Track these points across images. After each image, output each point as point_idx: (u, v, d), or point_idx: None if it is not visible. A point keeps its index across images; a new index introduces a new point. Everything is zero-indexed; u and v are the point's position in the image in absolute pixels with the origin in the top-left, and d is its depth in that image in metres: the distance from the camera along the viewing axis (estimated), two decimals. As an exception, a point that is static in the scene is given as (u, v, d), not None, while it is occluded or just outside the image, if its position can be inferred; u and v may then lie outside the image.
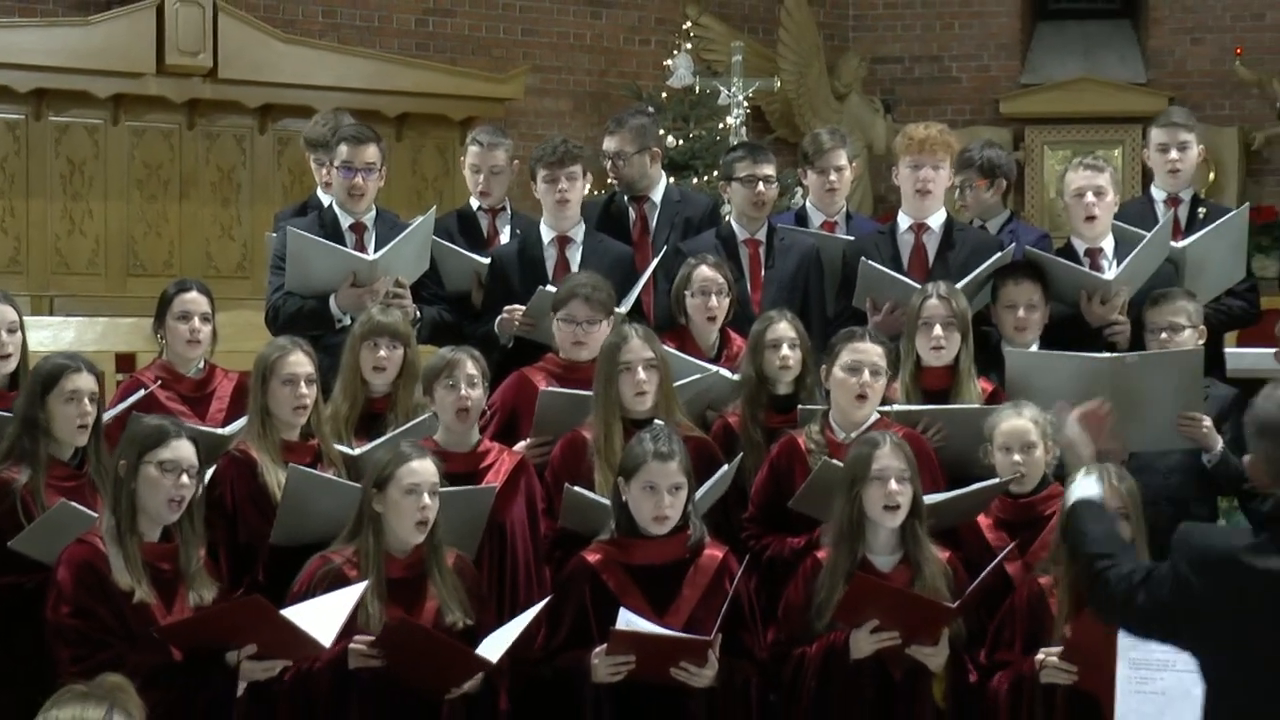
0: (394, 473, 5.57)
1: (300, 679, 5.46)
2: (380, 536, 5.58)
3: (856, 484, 5.75)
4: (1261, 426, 3.81)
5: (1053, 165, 13.91)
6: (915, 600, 5.63)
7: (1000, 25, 14.78)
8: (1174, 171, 7.67)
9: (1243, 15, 14.33)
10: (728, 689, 5.67)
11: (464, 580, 5.70)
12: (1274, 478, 3.81)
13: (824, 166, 7.75)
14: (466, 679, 5.47)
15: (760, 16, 14.44)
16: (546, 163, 7.44)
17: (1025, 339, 6.93)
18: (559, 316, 6.76)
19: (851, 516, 5.75)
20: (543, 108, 13.54)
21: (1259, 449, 3.83)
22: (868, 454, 5.77)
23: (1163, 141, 7.68)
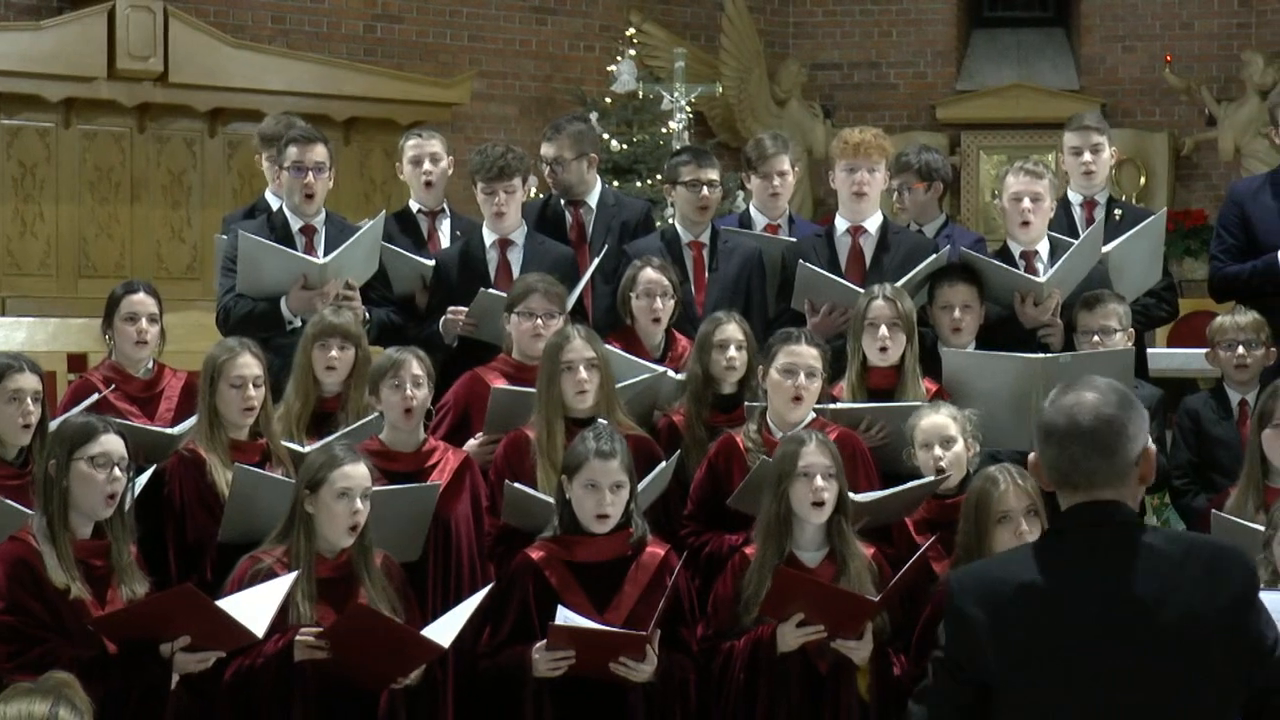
0: (327, 476, 5.57)
1: (242, 675, 5.47)
2: (311, 537, 5.58)
3: (783, 480, 5.78)
4: (1043, 430, 3.68)
5: (988, 170, 14.03)
6: (839, 594, 5.67)
7: (936, 33, 14.88)
8: (1088, 174, 7.75)
9: (1172, 24, 14.47)
10: (666, 684, 5.70)
11: (392, 580, 5.71)
12: (1053, 481, 3.70)
13: (767, 171, 7.80)
14: (415, 668, 5.49)
15: (702, 24, 14.51)
16: (485, 175, 7.48)
17: (960, 340, 7.00)
18: (517, 312, 6.81)
19: (778, 513, 5.79)
20: (488, 113, 13.58)
21: (1041, 452, 3.70)
22: (794, 451, 5.81)
23: (1075, 145, 7.78)
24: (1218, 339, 7.19)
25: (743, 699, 5.75)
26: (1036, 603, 3.64)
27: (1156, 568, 3.61)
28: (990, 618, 3.66)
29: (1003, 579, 3.70)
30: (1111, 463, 3.66)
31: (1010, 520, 5.67)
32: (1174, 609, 3.57)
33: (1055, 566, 3.67)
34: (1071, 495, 3.70)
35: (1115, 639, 3.58)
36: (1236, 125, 13.82)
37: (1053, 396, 3.74)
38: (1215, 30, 14.43)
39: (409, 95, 12.86)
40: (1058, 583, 3.64)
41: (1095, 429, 3.66)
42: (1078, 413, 3.67)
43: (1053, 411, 3.71)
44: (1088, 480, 3.67)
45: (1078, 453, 3.66)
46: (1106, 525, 3.66)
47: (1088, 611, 3.60)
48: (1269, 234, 7.66)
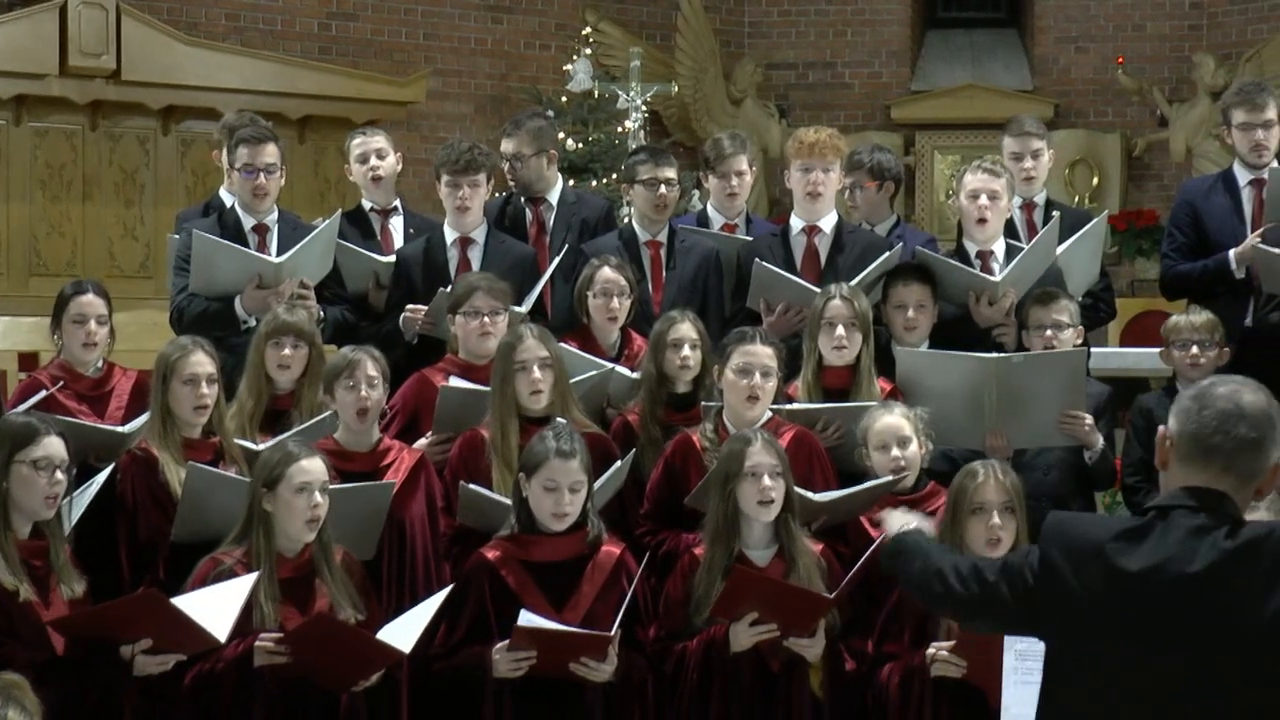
0: (284, 472, 5.56)
1: (203, 679, 5.46)
2: (270, 536, 5.57)
3: (730, 480, 5.80)
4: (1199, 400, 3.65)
5: (942, 170, 14.08)
6: (792, 592, 5.69)
7: (891, 33, 14.91)
8: (1028, 178, 7.81)
9: (1124, 25, 14.54)
10: (625, 684, 5.71)
11: (352, 577, 5.71)
12: (1187, 451, 3.67)
13: (725, 171, 7.82)
14: (375, 672, 5.49)
15: (658, 23, 14.52)
16: (451, 169, 7.49)
17: (914, 339, 7.04)
18: (461, 311, 6.82)
19: (726, 513, 5.81)
20: (444, 111, 13.56)
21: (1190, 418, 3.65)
22: (740, 450, 5.82)
23: (1015, 150, 7.84)
24: (1172, 338, 7.22)
25: (696, 700, 5.77)
26: (1118, 572, 3.63)
27: (1247, 564, 3.60)
28: (1072, 571, 3.68)
29: (1094, 537, 3.70)
30: (1256, 454, 3.66)
31: (984, 513, 5.72)
32: (1253, 608, 3.56)
33: (1151, 540, 3.65)
34: (1191, 475, 3.68)
35: (1176, 629, 3.58)
36: (1188, 126, 13.89)
37: (1207, 382, 3.73)
38: (1167, 32, 14.50)
39: (364, 93, 12.83)
40: (1148, 557, 3.63)
41: (1259, 416, 3.65)
42: (1241, 397, 3.66)
43: (1213, 389, 3.69)
44: (1226, 460, 3.65)
45: (1239, 432, 3.63)
46: (1213, 513, 3.64)
47: (1167, 592, 3.59)
48: (1220, 233, 7.71)
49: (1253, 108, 7.74)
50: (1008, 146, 7.90)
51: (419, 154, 12.20)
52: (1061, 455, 6.92)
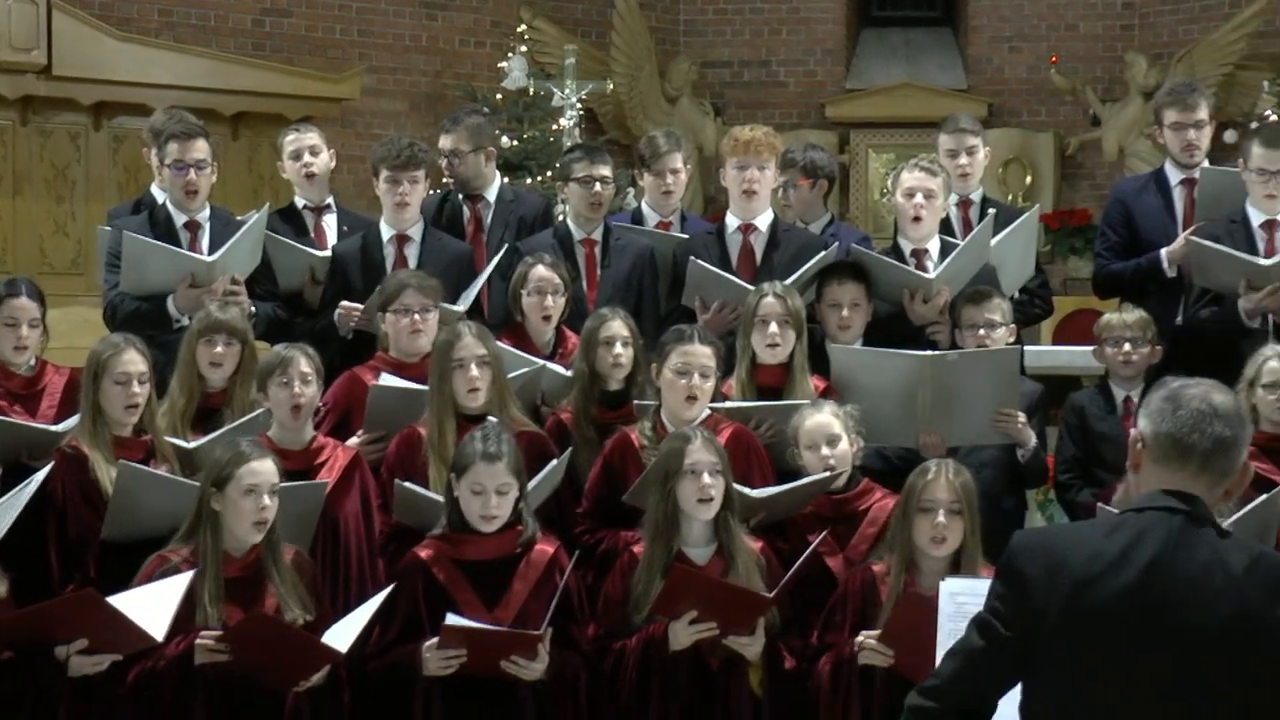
0: (233, 473, 5.56)
1: (144, 678, 5.45)
2: (218, 535, 5.58)
3: (670, 478, 5.82)
4: (1173, 401, 3.67)
5: (876, 168, 14.12)
6: (732, 590, 5.71)
7: (826, 32, 14.95)
8: (963, 175, 7.85)
9: (1058, 25, 14.62)
10: (557, 682, 5.72)
11: (302, 576, 5.71)
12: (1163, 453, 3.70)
13: (660, 169, 7.83)
14: (315, 671, 5.48)
15: (593, 20, 14.51)
16: (391, 165, 7.48)
17: (848, 337, 7.05)
18: (391, 309, 6.81)
19: (666, 511, 5.82)
20: (379, 108, 13.51)
21: (1164, 420, 3.68)
22: (679, 448, 5.84)
23: (951, 147, 7.88)
24: (1105, 336, 7.26)
25: (635, 698, 5.78)
26: (1098, 573, 3.63)
27: (1221, 568, 3.62)
28: (1048, 577, 3.66)
29: (1068, 543, 3.70)
30: (1230, 452, 3.69)
31: (931, 512, 5.75)
32: (1229, 612, 3.58)
33: (1125, 544, 3.65)
34: (1166, 476, 3.69)
35: (1163, 628, 3.59)
36: (1120, 126, 13.97)
37: (1176, 383, 3.74)
38: (1100, 32, 14.58)
39: (298, 90, 12.75)
40: (1123, 560, 3.64)
41: (1232, 415, 3.69)
42: (1213, 397, 3.70)
43: (1185, 390, 3.71)
44: (1202, 459, 3.67)
45: (1219, 428, 3.66)
46: (1185, 516, 3.66)
47: (1144, 595, 3.60)
48: (1152, 232, 7.77)
49: (1185, 108, 7.80)
50: (943, 144, 7.94)
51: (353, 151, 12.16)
52: (995, 453, 6.95)
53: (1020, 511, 7.31)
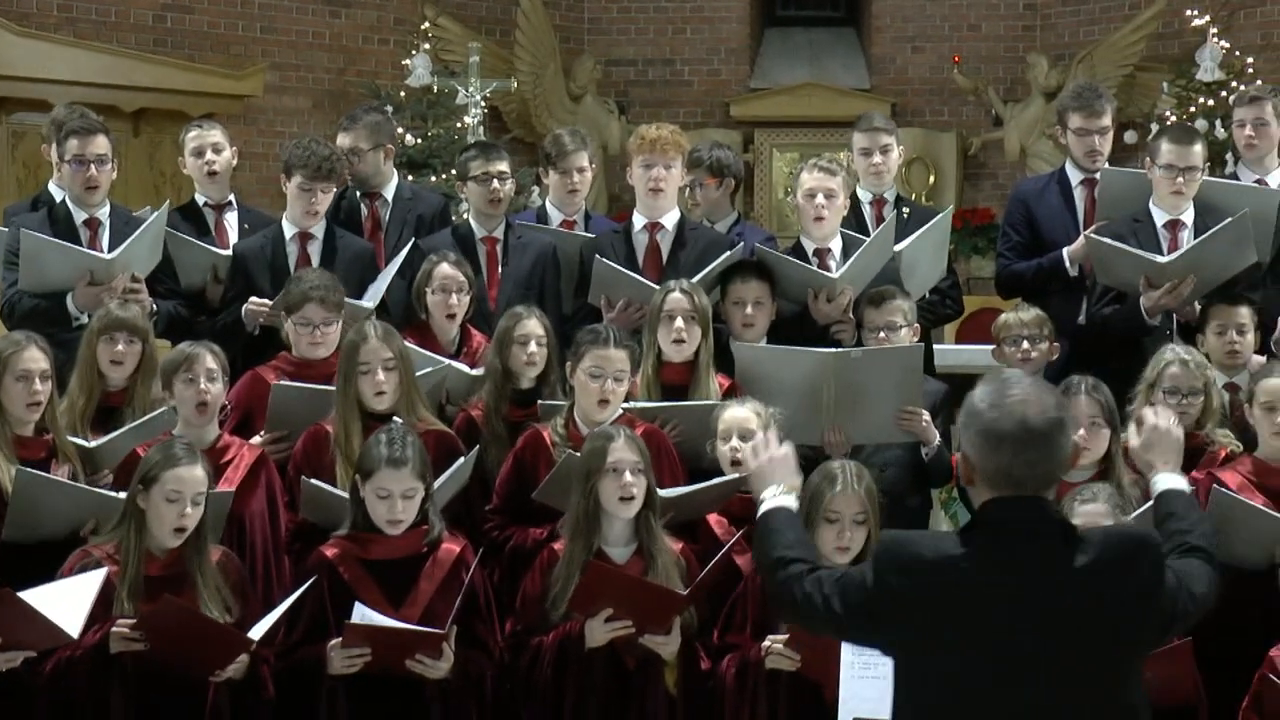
0: (160, 475, 5.55)
1: (60, 668, 5.42)
2: (141, 532, 5.57)
3: (592, 476, 5.81)
4: (993, 436, 3.77)
5: (781, 167, 14.16)
6: (647, 588, 5.71)
7: (730, 31, 14.99)
8: (877, 174, 7.91)
9: (960, 25, 14.72)
10: (463, 681, 5.71)
11: (229, 576, 5.70)
12: (993, 484, 3.80)
13: (566, 168, 7.84)
14: (230, 660, 5.47)
15: (497, 18, 14.48)
16: (310, 174, 7.44)
17: (752, 335, 7.07)
18: (294, 319, 6.78)
19: (587, 509, 5.81)
20: (281, 105, 13.43)
21: (985, 457, 3.80)
22: (602, 447, 5.84)
23: (865, 146, 7.93)
24: (1002, 335, 7.31)
25: (550, 695, 5.77)
26: (956, 583, 3.75)
27: (1077, 562, 3.74)
28: (909, 587, 3.78)
29: (928, 554, 3.81)
30: (1060, 464, 3.80)
31: (836, 524, 5.74)
32: (1087, 599, 3.73)
33: (981, 554, 3.77)
34: (1002, 492, 3.80)
35: (1029, 627, 3.72)
36: (1022, 126, 14.09)
37: (987, 397, 3.82)
38: (1001, 32, 14.70)
39: (199, 86, 12.66)
40: (980, 568, 3.75)
41: (1049, 432, 3.76)
42: (1030, 415, 3.76)
43: (999, 417, 3.77)
44: (1036, 484, 3.78)
45: (1034, 457, 3.75)
46: (1036, 522, 3.77)
47: (1006, 599, 3.72)
48: (1053, 232, 7.84)
49: (1090, 114, 7.87)
50: (857, 142, 7.98)
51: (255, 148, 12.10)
52: (899, 452, 6.98)
53: (924, 510, 7.35)
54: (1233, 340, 7.03)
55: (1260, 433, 6.39)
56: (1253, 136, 7.89)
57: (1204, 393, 6.59)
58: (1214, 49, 12.72)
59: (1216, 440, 6.59)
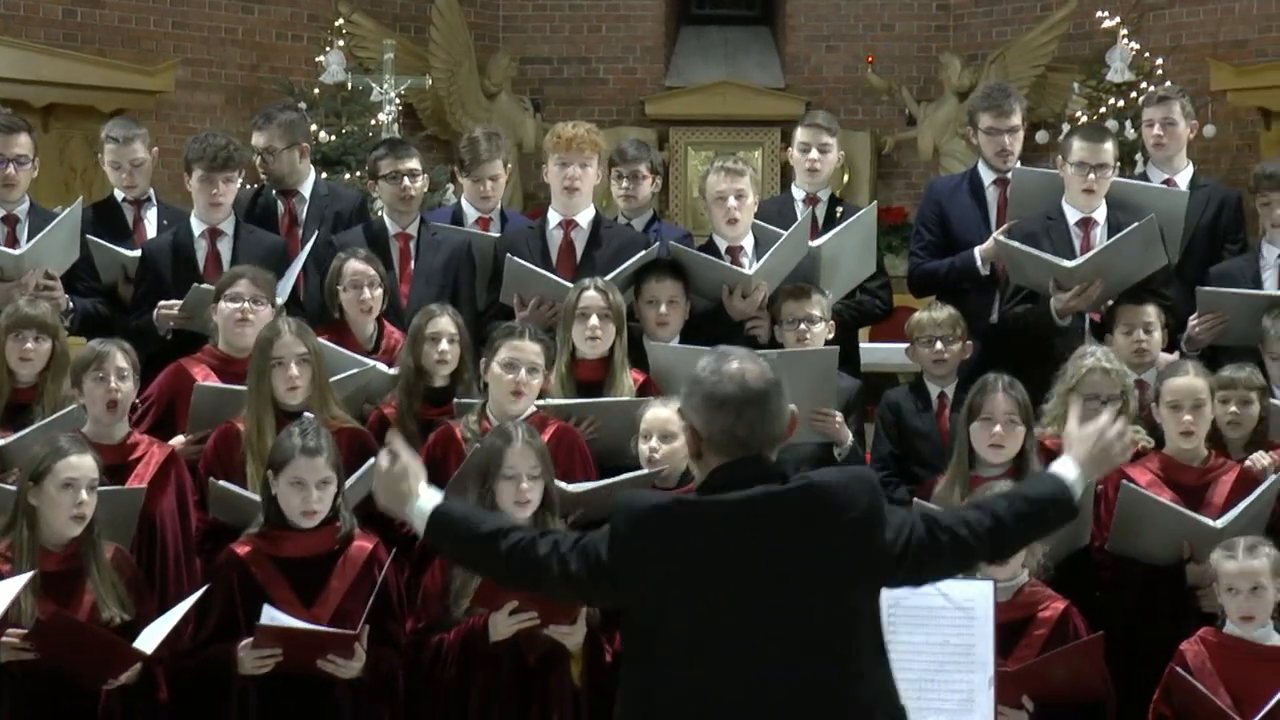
0: (51, 466, 5.53)
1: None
2: (35, 529, 5.54)
3: (489, 479, 5.81)
4: (715, 399, 4.00)
5: (695, 166, 14.16)
6: None
7: (645, 29, 15.00)
8: (813, 171, 7.93)
9: (874, 25, 14.79)
10: (374, 679, 5.70)
11: (123, 574, 5.66)
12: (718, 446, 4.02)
13: (479, 176, 7.88)
14: (123, 671, 5.44)
15: (411, 15, 14.43)
16: (206, 165, 7.42)
17: (666, 334, 7.09)
18: (225, 295, 6.75)
19: (486, 507, 5.75)
20: (194, 101, 13.32)
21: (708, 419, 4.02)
22: (500, 449, 5.82)
23: (805, 141, 7.94)
24: (916, 334, 7.35)
25: (455, 691, 5.75)
26: (687, 532, 3.98)
27: (796, 500, 3.99)
28: (644, 540, 4.01)
29: (661, 505, 4.06)
30: (779, 424, 4.03)
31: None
32: (806, 535, 3.96)
33: (709, 505, 4.00)
34: (729, 455, 4.02)
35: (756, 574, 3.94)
36: (935, 125, 14.16)
37: (708, 366, 4.05)
38: (915, 32, 14.77)
39: (111, 82, 12.54)
40: (709, 519, 3.98)
41: (767, 391, 4.03)
42: (748, 378, 4.01)
43: (719, 381, 4.02)
44: (759, 444, 4.01)
45: (755, 416, 4.00)
46: (758, 475, 4.00)
47: (733, 547, 3.94)
48: (966, 231, 7.90)
49: (999, 113, 7.94)
50: (798, 137, 8.01)
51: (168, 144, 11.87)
52: (812, 450, 6.97)
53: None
54: (1140, 339, 7.10)
55: (1167, 431, 6.47)
56: (1160, 136, 8.00)
57: (1122, 399, 6.65)
58: (1124, 50, 12.83)
59: (1128, 437, 6.65)
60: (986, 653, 5.44)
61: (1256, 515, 6.18)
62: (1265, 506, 6.23)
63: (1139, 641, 6.09)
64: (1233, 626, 5.74)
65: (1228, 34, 13.03)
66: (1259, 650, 5.66)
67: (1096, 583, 6.33)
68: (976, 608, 5.49)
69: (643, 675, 4.07)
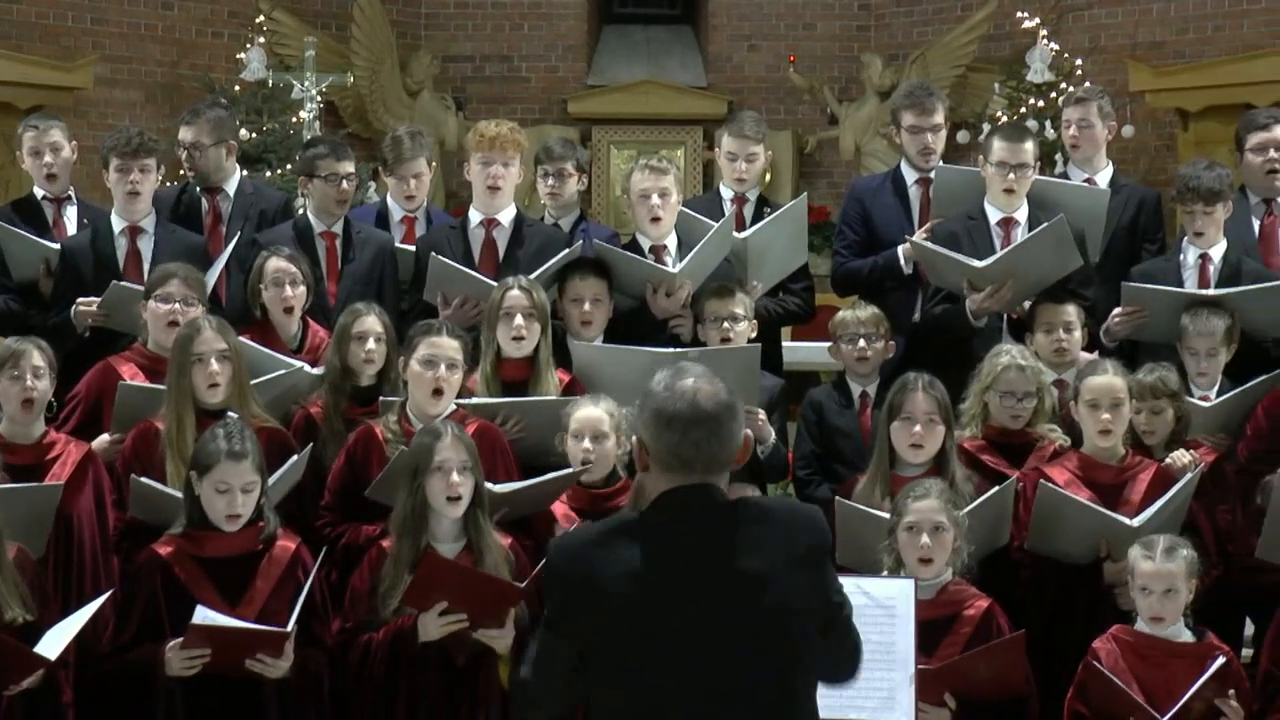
0: None
1: None
2: None
3: (419, 474, 5.81)
4: (663, 416, 3.89)
5: (618, 164, 14.16)
6: (484, 579, 5.71)
7: (567, 28, 14.98)
8: (740, 180, 7.96)
9: (795, 25, 14.82)
10: (301, 680, 5.70)
11: (24, 574, 5.61)
12: (665, 465, 3.91)
13: (403, 175, 7.90)
14: (25, 676, 5.40)
15: (333, 12, 14.36)
16: (120, 153, 7.40)
17: (590, 333, 7.11)
18: (155, 296, 6.72)
19: (415, 506, 5.80)
20: (113, 98, 13.21)
21: (656, 436, 3.91)
22: (429, 445, 5.83)
23: (732, 151, 7.96)
24: (839, 333, 7.37)
25: (383, 691, 5.75)
26: (630, 570, 3.87)
27: (743, 539, 3.88)
28: (584, 579, 3.88)
29: (600, 545, 3.93)
30: (727, 448, 3.91)
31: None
32: (754, 573, 3.85)
33: (652, 540, 3.89)
34: (676, 478, 3.91)
35: (705, 608, 3.83)
36: (857, 125, 14.21)
37: (662, 381, 3.95)
38: (837, 32, 14.81)
39: (28, 78, 12.42)
40: (653, 554, 3.87)
41: (718, 414, 3.90)
42: (700, 399, 3.90)
43: (670, 397, 3.91)
44: (705, 465, 3.90)
45: (701, 437, 3.87)
46: (705, 507, 3.89)
47: (680, 582, 3.84)
48: (889, 230, 7.93)
49: (921, 112, 7.98)
50: (725, 145, 8.03)
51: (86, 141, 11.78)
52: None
53: (762, 507, 7.37)
54: (1060, 339, 7.15)
55: (1085, 429, 6.52)
56: (1077, 137, 8.08)
57: (1037, 395, 6.71)
58: (1044, 51, 12.91)
59: (1045, 435, 6.71)
60: (908, 651, 5.47)
61: (1173, 514, 6.24)
62: (1182, 505, 6.29)
63: (1057, 640, 6.13)
64: (1143, 624, 5.79)
65: (1146, 35, 13.14)
66: (1170, 647, 5.72)
67: (1015, 582, 6.37)
68: (898, 606, 5.52)
69: (602, 695, 3.97)
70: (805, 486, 7.31)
